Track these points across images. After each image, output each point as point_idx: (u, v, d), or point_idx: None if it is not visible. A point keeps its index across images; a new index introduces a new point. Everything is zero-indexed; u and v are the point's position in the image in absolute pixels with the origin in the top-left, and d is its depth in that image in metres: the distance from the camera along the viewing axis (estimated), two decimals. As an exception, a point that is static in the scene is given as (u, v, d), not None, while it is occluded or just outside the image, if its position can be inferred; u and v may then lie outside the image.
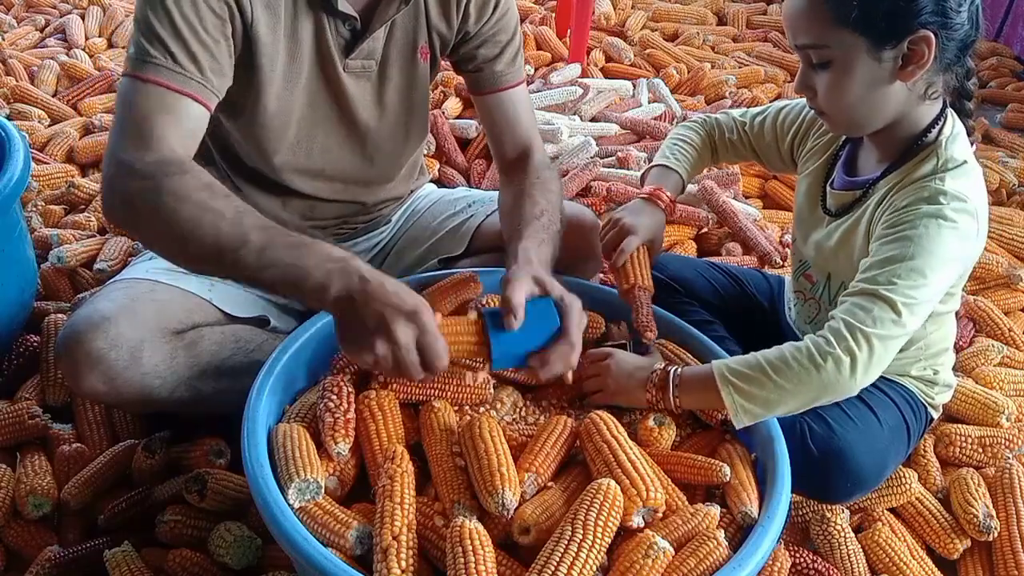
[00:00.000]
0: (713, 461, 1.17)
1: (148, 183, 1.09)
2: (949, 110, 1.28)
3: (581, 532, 1.00)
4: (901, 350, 1.41)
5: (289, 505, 1.05)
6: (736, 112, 1.62)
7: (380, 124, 1.45)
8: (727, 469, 1.15)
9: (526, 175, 1.44)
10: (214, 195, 1.10)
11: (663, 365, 1.26)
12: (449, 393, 1.25)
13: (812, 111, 1.47)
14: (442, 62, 1.48)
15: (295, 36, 1.29)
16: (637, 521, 1.07)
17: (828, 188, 1.41)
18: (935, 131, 1.27)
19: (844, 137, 1.42)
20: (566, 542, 0.99)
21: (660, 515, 1.10)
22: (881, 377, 1.43)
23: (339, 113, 1.41)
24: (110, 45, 3.09)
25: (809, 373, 1.16)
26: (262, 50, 1.26)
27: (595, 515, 1.02)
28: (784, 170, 1.58)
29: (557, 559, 0.98)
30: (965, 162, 1.25)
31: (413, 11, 1.36)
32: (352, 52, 1.34)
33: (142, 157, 1.12)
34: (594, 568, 1.00)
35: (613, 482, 1.06)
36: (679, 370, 1.24)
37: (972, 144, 1.31)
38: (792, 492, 1.15)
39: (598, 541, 1.00)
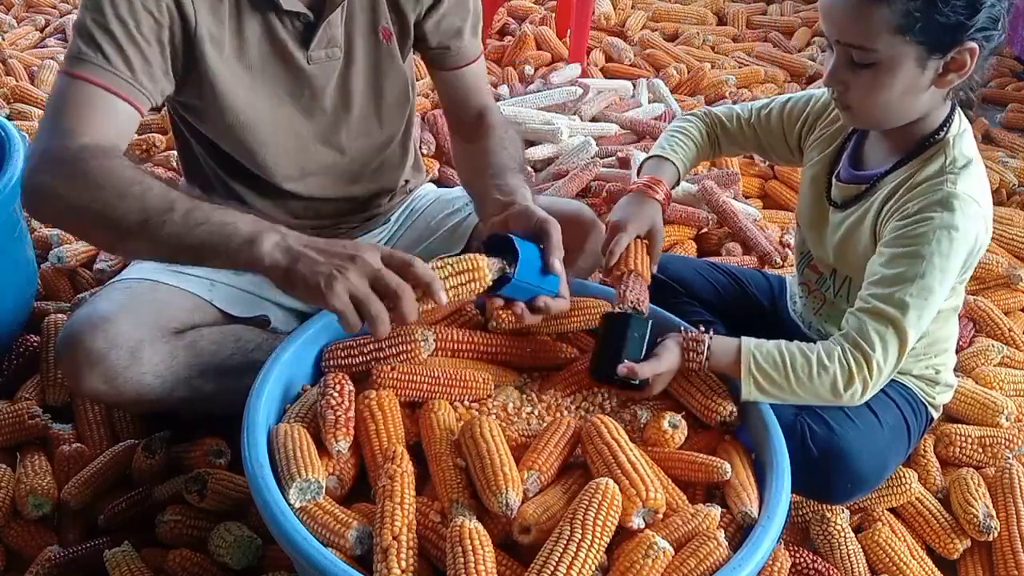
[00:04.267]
0: (714, 459, 1.17)
1: (72, 167, 1.11)
2: (957, 107, 1.29)
3: (580, 532, 1.00)
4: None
5: (289, 505, 1.05)
6: (737, 107, 1.59)
7: (348, 112, 1.44)
8: (727, 466, 1.15)
9: (491, 130, 1.48)
10: (142, 174, 1.12)
11: (691, 331, 1.30)
12: (450, 392, 1.25)
13: (820, 102, 1.47)
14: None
15: (240, 35, 1.28)
16: (637, 522, 1.07)
17: (834, 180, 1.41)
18: (945, 129, 1.27)
19: (851, 129, 1.40)
20: (565, 542, 0.99)
21: (660, 516, 1.09)
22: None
23: (305, 106, 1.40)
24: (110, 45, 3.08)
25: (827, 392, 1.24)
26: (209, 53, 1.26)
27: (593, 514, 1.02)
28: (790, 162, 1.57)
29: (556, 559, 0.98)
30: (971, 160, 1.26)
31: None
32: (312, 43, 1.33)
33: (67, 145, 1.13)
34: (593, 567, 1.00)
35: (611, 481, 1.06)
36: (711, 339, 1.27)
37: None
38: (792, 492, 1.16)
39: (597, 540, 1.00)
